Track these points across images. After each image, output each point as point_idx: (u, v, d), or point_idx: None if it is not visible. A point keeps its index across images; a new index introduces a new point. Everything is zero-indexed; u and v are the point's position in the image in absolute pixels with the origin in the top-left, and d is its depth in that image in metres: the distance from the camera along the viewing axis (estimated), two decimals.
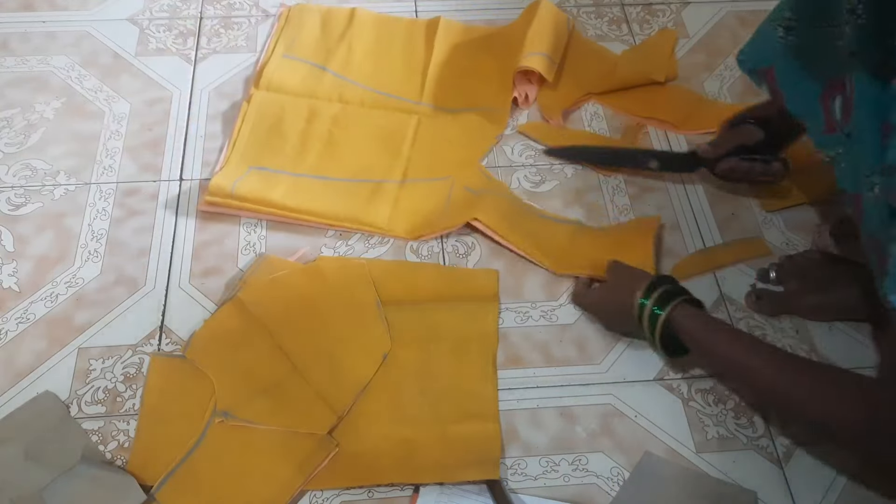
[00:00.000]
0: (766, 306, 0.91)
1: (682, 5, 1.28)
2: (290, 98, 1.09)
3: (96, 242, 0.96)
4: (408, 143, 1.05)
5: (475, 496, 0.77)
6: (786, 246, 0.98)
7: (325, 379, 0.83)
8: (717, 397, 0.85)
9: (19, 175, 1.02)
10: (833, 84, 0.79)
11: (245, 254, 0.95)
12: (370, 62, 1.15)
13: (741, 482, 0.80)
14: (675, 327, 0.80)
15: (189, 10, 1.23)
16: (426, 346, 0.87)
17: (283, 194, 0.97)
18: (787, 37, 0.82)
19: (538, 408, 0.84)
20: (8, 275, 0.92)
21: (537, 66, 1.08)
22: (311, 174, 1.01)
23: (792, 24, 0.81)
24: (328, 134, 1.05)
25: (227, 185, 0.97)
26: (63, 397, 0.83)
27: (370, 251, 0.97)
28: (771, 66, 0.84)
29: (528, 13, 1.18)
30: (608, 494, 0.79)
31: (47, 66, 1.14)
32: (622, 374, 0.87)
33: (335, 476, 0.78)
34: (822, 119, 0.81)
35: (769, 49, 0.84)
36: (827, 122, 0.81)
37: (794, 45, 0.82)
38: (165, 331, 0.89)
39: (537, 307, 0.92)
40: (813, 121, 0.83)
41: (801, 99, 0.83)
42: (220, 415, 0.80)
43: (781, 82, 0.84)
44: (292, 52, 1.14)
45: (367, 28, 1.18)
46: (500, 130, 1.09)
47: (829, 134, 0.80)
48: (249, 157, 1.02)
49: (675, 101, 1.12)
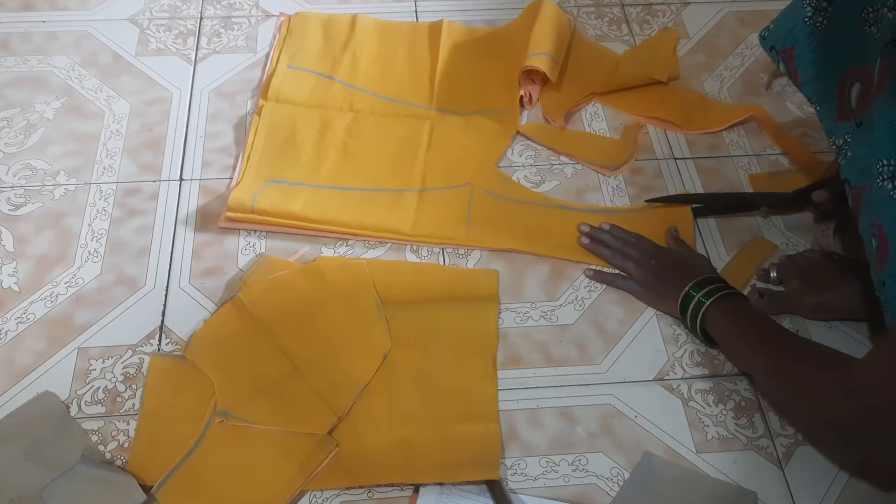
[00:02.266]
0: (767, 306, 0.91)
1: (682, 5, 1.28)
2: (301, 109, 1.08)
3: (96, 242, 0.96)
4: (423, 149, 1.05)
5: (475, 496, 0.77)
6: (786, 246, 0.98)
7: (325, 379, 0.83)
8: (717, 397, 0.86)
9: (19, 175, 1.02)
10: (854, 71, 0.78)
11: (245, 254, 0.95)
12: (376, 69, 1.14)
13: (741, 482, 0.80)
14: (706, 321, 0.83)
15: (189, 11, 1.23)
16: (426, 346, 0.87)
17: (303, 206, 0.97)
18: (815, 17, 0.80)
19: (538, 408, 0.84)
20: (8, 275, 0.93)
21: (541, 66, 1.08)
22: (329, 185, 1.00)
23: (822, 5, 0.80)
24: (343, 143, 1.05)
25: (247, 199, 0.96)
26: (63, 397, 0.83)
27: (370, 251, 0.97)
28: (793, 45, 0.83)
29: (529, 13, 1.18)
30: (608, 494, 0.79)
31: (47, 66, 1.14)
32: (622, 374, 0.87)
33: (335, 476, 0.78)
34: (837, 106, 0.80)
35: (794, 28, 0.82)
36: (841, 109, 0.80)
37: (821, 26, 0.80)
38: (165, 331, 0.89)
39: (537, 307, 0.92)
40: (827, 106, 0.82)
41: (819, 83, 0.82)
42: (220, 415, 0.80)
43: (800, 64, 0.83)
44: (297, 63, 1.13)
45: (370, 34, 1.18)
46: (513, 131, 1.09)
47: (842, 122, 0.79)
48: (265, 170, 1.01)
49: (677, 101, 1.12)
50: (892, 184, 0.67)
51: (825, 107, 0.83)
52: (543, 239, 0.97)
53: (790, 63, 0.84)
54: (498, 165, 1.05)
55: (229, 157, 1.05)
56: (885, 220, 0.67)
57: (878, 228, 0.68)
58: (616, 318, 0.91)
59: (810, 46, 0.82)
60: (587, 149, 1.07)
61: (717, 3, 1.28)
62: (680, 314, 0.87)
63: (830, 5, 0.79)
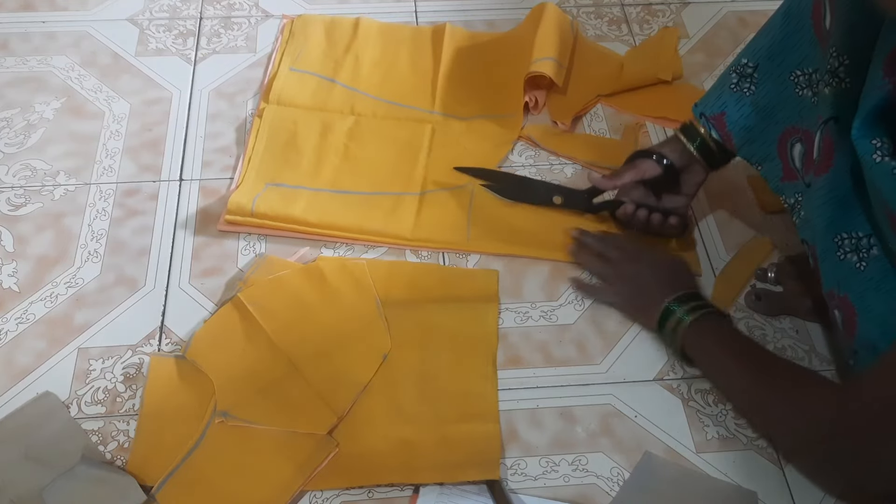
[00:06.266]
0: (766, 306, 0.92)
1: (682, 5, 1.28)
2: (302, 112, 1.08)
3: (96, 242, 0.96)
4: (424, 152, 1.04)
5: (475, 496, 0.77)
6: (785, 246, 0.98)
7: (325, 379, 0.83)
8: (717, 397, 0.85)
9: (19, 175, 1.02)
10: (792, 131, 0.80)
11: (245, 254, 0.95)
12: (379, 73, 1.14)
13: (741, 482, 0.80)
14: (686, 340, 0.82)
15: (189, 11, 1.23)
16: (426, 346, 0.87)
17: (303, 210, 0.97)
18: (740, 83, 0.83)
19: (538, 408, 0.85)
20: (8, 275, 0.92)
21: (547, 71, 1.07)
22: (329, 189, 1.00)
23: (748, 72, 0.82)
24: (344, 147, 1.04)
25: (247, 203, 0.96)
26: (63, 397, 0.83)
27: (370, 251, 0.97)
28: (722, 112, 0.85)
29: (533, 17, 1.17)
30: (608, 494, 0.79)
31: (47, 66, 1.14)
32: (622, 374, 0.87)
33: (335, 476, 0.78)
34: (780, 165, 0.82)
35: (722, 95, 0.85)
36: (785, 169, 0.82)
37: (749, 92, 0.83)
38: (165, 331, 0.89)
39: (537, 307, 0.92)
40: (769, 165, 0.84)
41: (755, 146, 0.84)
42: (220, 415, 0.80)
43: (732, 129, 0.85)
44: (299, 65, 1.13)
45: (373, 38, 1.18)
46: (515, 136, 1.08)
47: (789, 181, 0.82)
48: (265, 173, 1.01)
49: (682, 100, 1.12)
50: (856, 256, 0.68)
51: (767, 166, 0.85)
52: (543, 242, 0.97)
53: (721, 129, 0.86)
54: (499, 166, 1.05)
55: (229, 157, 1.05)
56: (850, 292, 0.68)
57: (842, 300, 0.69)
58: (616, 318, 0.91)
59: (740, 112, 0.84)
60: (588, 151, 1.07)
61: (717, 2, 1.28)
62: (658, 328, 0.85)
63: (756, 71, 0.82)
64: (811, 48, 0.75)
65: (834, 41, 0.70)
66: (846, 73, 0.69)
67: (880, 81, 0.64)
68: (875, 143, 0.64)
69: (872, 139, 0.64)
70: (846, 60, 0.69)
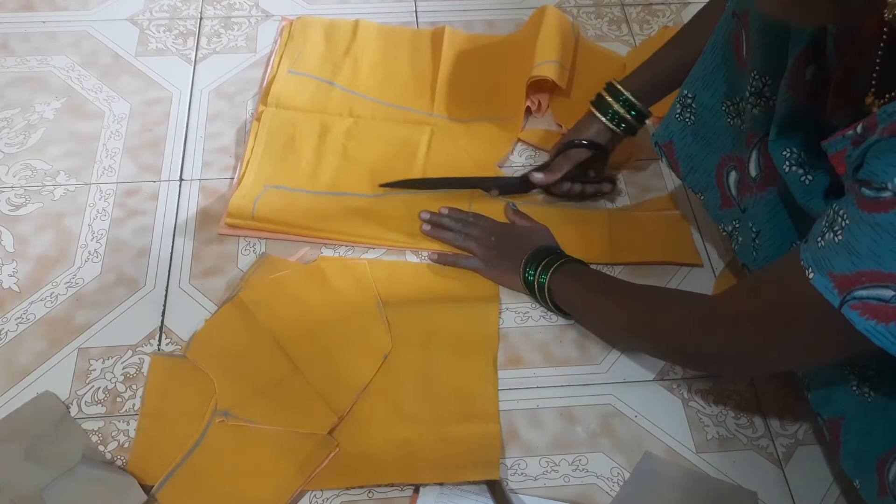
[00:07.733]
0: None
1: (682, 5, 1.28)
2: (301, 114, 1.08)
3: (96, 242, 0.96)
4: (422, 154, 1.04)
5: (475, 496, 0.77)
6: None
7: (325, 379, 0.83)
8: (717, 397, 0.86)
9: (19, 175, 1.02)
10: (727, 160, 0.84)
11: (245, 254, 0.95)
12: (378, 75, 1.14)
13: (741, 482, 0.80)
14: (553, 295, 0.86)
15: (189, 11, 1.23)
16: (427, 346, 0.87)
17: (303, 213, 0.97)
18: (683, 114, 0.86)
19: (538, 408, 0.85)
20: (8, 275, 0.92)
21: (550, 74, 1.07)
22: (328, 191, 1.00)
23: (688, 102, 0.85)
24: (342, 149, 1.04)
25: (247, 205, 0.96)
26: (63, 397, 0.83)
27: (370, 251, 0.97)
28: (670, 140, 0.89)
29: (534, 20, 1.17)
30: (608, 494, 0.79)
31: (47, 66, 1.14)
32: (622, 374, 0.87)
33: (335, 476, 0.78)
34: (719, 194, 0.86)
35: (669, 124, 0.88)
36: (723, 197, 0.85)
37: (690, 121, 0.86)
38: (165, 331, 0.89)
39: (537, 307, 0.92)
40: (709, 194, 0.88)
41: (697, 174, 0.88)
42: (221, 415, 0.80)
43: (679, 157, 0.89)
44: (298, 68, 1.13)
45: (372, 40, 1.18)
46: (515, 137, 1.08)
47: (726, 209, 0.85)
48: (264, 175, 1.00)
49: None
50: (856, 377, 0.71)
51: (708, 195, 0.88)
52: None
53: (671, 157, 0.90)
54: (499, 167, 1.05)
55: (229, 157, 1.05)
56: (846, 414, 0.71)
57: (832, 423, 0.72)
58: None
59: (683, 141, 0.88)
60: None
61: None
62: (528, 293, 0.90)
63: (694, 101, 0.84)
64: (738, 78, 0.78)
65: (754, 64, 0.73)
66: (771, 93, 0.72)
67: (786, 94, 0.68)
68: (785, 154, 0.68)
69: (783, 150, 0.68)
70: (769, 81, 0.72)
